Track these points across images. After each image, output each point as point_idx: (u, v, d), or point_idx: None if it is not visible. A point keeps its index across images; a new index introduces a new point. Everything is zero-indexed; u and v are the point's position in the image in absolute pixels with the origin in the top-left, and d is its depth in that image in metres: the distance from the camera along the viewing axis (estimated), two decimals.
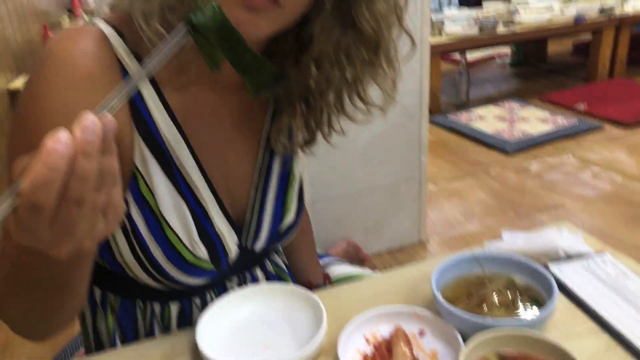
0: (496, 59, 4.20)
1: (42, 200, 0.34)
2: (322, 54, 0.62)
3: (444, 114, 3.10)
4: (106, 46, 0.58)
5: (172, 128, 0.63)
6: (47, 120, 0.54)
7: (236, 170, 0.71)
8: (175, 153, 0.63)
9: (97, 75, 0.56)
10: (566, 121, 2.83)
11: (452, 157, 2.56)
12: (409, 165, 1.75)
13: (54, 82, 0.54)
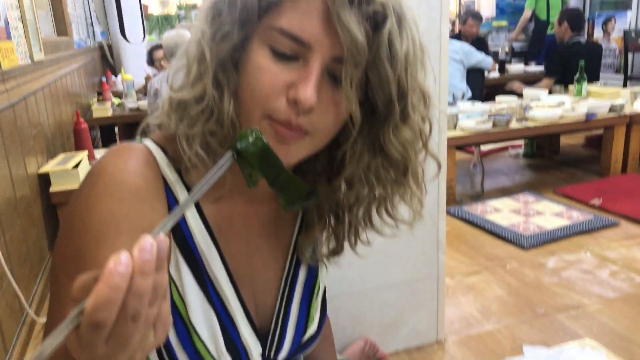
0: (509, 150, 4.28)
1: (104, 318, 0.37)
2: (353, 175, 0.67)
3: (459, 204, 3.13)
4: (152, 163, 0.64)
5: (207, 237, 0.67)
6: (94, 231, 0.58)
7: (262, 278, 0.74)
8: (207, 262, 0.66)
9: (143, 191, 0.61)
10: (582, 216, 2.84)
11: (468, 250, 2.56)
12: (427, 263, 1.76)
13: (103, 197, 0.59)
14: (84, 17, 5.16)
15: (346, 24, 0.54)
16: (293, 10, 0.57)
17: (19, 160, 2.07)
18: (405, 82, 0.59)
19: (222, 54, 0.60)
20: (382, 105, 0.61)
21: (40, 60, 2.63)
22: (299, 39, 0.57)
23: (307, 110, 0.57)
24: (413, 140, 0.65)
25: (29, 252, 2.03)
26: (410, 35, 0.59)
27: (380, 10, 0.56)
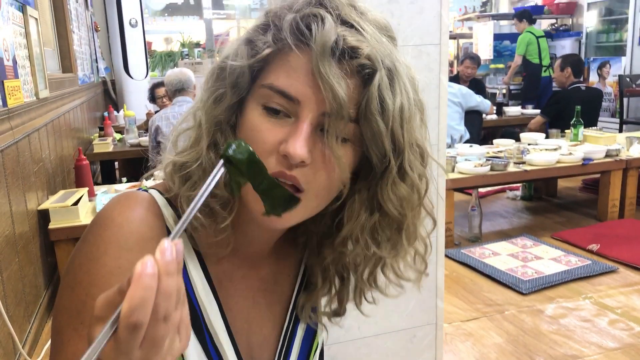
0: (507, 192, 4.30)
1: (140, 319, 0.39)
2: (352, 233, 0.66)
3: (457, 247, 3.13)
4: (157, 213, 0.65)
5: (209, 293, 0.67)
6: (101, 283, 0.58)
7: (259, 333, 0.74)
8: (207, 315, 0.67)
9: (148, 239, 0.62)
10: (580, 262, 2.84)
11: (466, 294, 2.55)
12: (425, 309, 1.75)
13: (110, 247, 0.59)
14: (88, 53, 5.25)
15: (327, 79, 0.55)
16: (281, 68, 0.58)
17: (19, 196, 2.08)
18: (401, 137, 0.59)
19: (217, 116, 0.62)
20: (377, 160, 0.61)
21: (45, 97, 2.67)
22: (288, 95, 0.58)
23: (298, 164, 0.57)
24: (410, 197, 0.64)
25: (25, 291, 2.01)
26: (405, 91, 0.59)
27: (368, 64, 0.56)
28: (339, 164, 0.58)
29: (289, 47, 0.57)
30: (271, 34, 0.59)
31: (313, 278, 0.76)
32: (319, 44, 0.55)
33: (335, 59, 0.56)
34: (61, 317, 0.59)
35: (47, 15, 3.60)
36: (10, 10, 2.17)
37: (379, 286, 0.74)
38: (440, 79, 1.63)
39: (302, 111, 0.58)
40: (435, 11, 1.55)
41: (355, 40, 0.56)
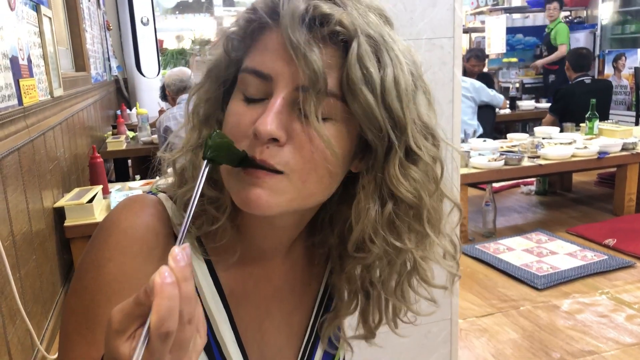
0: (522, 187, 4.27)
1: (171, 327, 0.40)
2: (366, 231, 0.60)
3: (471, 242, 3.11)
4: (163, 215, 0.63)
5: (218, 302, 0.65)
6: (105, 289, 0.58)
7: (273, 344, 0.71)
8: (216, 325, 0.65)
9: (153, 245, 0.61)
10: (596, 257, 2.80)
11: (481, 290, 2.53)
12: (441, 306, 1.73)
13: (115, 253, 0.59)
14: (101, 52, 5.28)
15: (297, 45, 0.51)
16: (256, 50, 0.57)
17: (36, 194, 2.10)
18: (400, 111, 0.54)
19: (205, 113, 0.61)
20: (373, 137, 0.56)
21: (59, 95, 2.69)
22: (259, 72, 0.55)
23: (269, 143, 0.53)
24: (424, 181, 0.58)
25: (42, 288, 2.04)
26: (398, 63, 0.54)
27: (341, 30, 0.53)
28: (325, 140, 0.53)
29: (262, 26, 0.56)
30: (245, 19, 0.58)
31: (337, 294, 0.72)
32: (288, 13, 0.52)
33: (305, 26, 0.52)
34: (68, 321, 0.60)
35: (61, 14, 3.63)
36: (24, 9, 2.19)
37: (407, 299, 0.68)
38: (454, 72, 1.61)
39: (275, 87, 0.54)
40: (449, 4, 1.54)
41: (327, 8, 0.53)
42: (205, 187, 0.59)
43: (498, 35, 7.10)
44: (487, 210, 3.26)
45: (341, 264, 0.68)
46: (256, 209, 0.55)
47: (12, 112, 1.84)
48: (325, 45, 0.53)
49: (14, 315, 1.67)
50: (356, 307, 0.71)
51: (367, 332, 0.73)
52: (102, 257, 0.59)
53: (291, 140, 0.54)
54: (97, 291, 0.58)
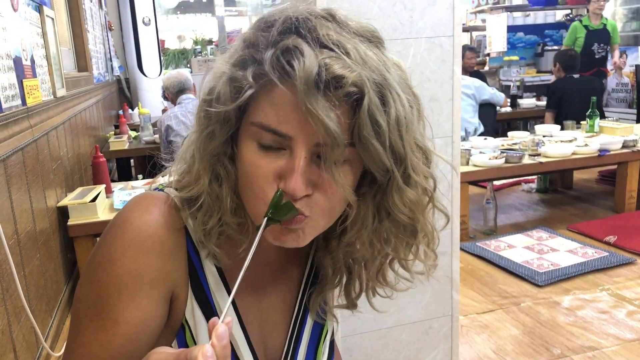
0: (522, 185, 4.28)
1: None
2: (358, 238, 0.67)
3: (472, 240, 3.12)
4: (174, 212, 0.67)
5: (220, 285, 0.69)
6: (117, 283, 0.61)
7: (271, 321, 0.76)
8: (220, 307, 0.69)
9: (165, 242, 0.64)
10: (596, 253, 2.82)
11: (482, 287, 2.55)
12: (441, 301, 1.75)
13: (128, 250, 0.62)
14: (103, 52, 5.30)
15: (315, 115, 0.53)
16: (268, 105, 0.57)
17: (39, 193, 2.12)
18: (402, 148, 0.58)
19: (213, 150, 0.62)
20: (380, 176, 0.61)
21: (62, 95, 2.71)
22: (279, 132, 0.57)
23: (301, 198, 0.58)
24: (418, 200, 0.63)
25: (46, 286, 2.05)
26: (398, 100, 0.57)
27: (355, 90, 0.55)
28: (343, 188, 0.58)
29: (273, 83, 0.57)
30: (251, 71, 0.58)
31: (322, 271, 0.77)
32: (302, 80, 0.53)
33: (321, 92, 0.54)
34: (79, 306, 0.63)
35: (63, 15, 3.65)
36: (27, 10, 2.20)
37: (389, 282, 0.74)
38: (453, 70, 1.62)
39: (295, 146, 0.57)
40: (448, 3, 1.55)
41: (338, 67, 0.54)
42: (228, 216, 0.64)
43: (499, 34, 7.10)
44: (488, 207, 3.27)
45: (326, 246, 0.74)
46: (292, 247, 0.64)
47: (15, 112, 1.86)
48: (339, 106, 0.55)
49: (19, 313, 1.69)
50: (340, 281, 0.76)
51: (349, 303, 0.78)
52: (115, 252, 0.62)
53: (314, 189, 0.59)
54: (109, 284, 0.61)
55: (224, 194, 0.63)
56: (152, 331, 0.64)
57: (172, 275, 0.65)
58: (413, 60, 1.56)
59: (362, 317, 1.66)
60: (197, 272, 0.67)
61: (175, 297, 0.66)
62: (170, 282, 0.65)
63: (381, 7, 1.49)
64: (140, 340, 0.62)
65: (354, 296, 0.77)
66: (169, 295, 0.66)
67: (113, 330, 0.61)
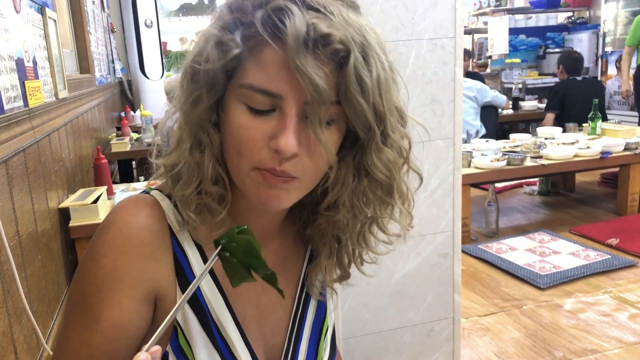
0: (524, 187, 4.27)
1: None
2: (339, 198, 0.69)
3: (474, 242, 3.12)
4: (159, 215, 0.68)
5: (212, 284, 0.70)
6: (98, 282, 0.64)
7: (271, 318, 0.76)
8: (212, 307, 0.69)
9: (147, 244, 0.66)
10: (599, 256, 2.81)
11: (483, 289, 2.54)
12: (442, 304, 1.75)
13: (109, 250, 0.64)
14: (105, 54, 5.31)
15: (304, 70, 0.55)
16: (257, 66, 0.59)
17: (41, 195, 2.12)
18: (382, 106, 0.61)
19: (197, 117, 0.63)
20: (363, 134, 0.63)
21: (64, 97, 2.71)
22: (269, 92, 0.58)
23: (290, 157, 0.60)
24: (395, 159, 0.67)
25: (48, 288, 2.05)
26: (379, 61, 0.60)
27: (341, 48, 0.57)
28: (326, 148, 0.60)
29: (262, 43, 0.58)
30: (240, 32, 0.59)
31: (315, 247, 0.79)
32: (292, 38, 0.55)
33: (309, 50, 0.56)
34: (68, 302, 0.67)
35: (65, 17, 3.65)
36: (30, 12, 2.21)
37: (371, 246, 0.76)
38: (455, 72, 1.62)
39: (285, 105, 0.59)
40: (450, 4, 1.55)
41: (325, 26, 0.56)
42: (208, 185, 0.64)
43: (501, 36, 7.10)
44: (490, 210, 3.27)
45: (314, 219, 0.75)
46: (273, 208, 0.64)
47: (17, 113, 1.86)
48: (326, 63, 0.57)
49: (20, 315, 1.69)
50: (331, 252, 0.77)
51: (342, 272, 0.80)
52: (97, 253, 0.64)
53: (302, 149, 0.60)
54: (91, 282, 0.64)
55: (205, 161, 0.64)
56: (131, 331, 0.65)
57: (154, 276, 0.66)
58: (415, 62, 1.56)
59: (363, 319, 1.66)
60: (184, 272, 0.68)
61: (160, 298, 0.67)
62: (151, 282, 0.66)
63: (383, 8, 1.49)
64: (118, 339, 0.64)
65: (346, 263, 0.79)
66: (152, 296, 0.66)
67: (92, 327, 0.63)
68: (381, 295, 1.67)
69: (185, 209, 0.65)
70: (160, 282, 0.66)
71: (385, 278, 1.67)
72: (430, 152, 1.64)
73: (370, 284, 1.66)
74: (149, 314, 0.66)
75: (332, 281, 0.81)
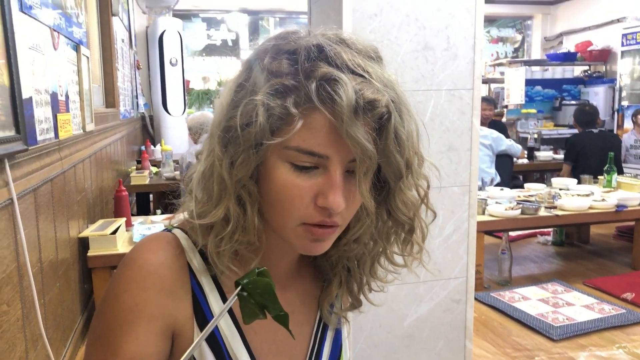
0: (538, 237, 4.25)
1: None
2: (362, 235, 0.73)
3: (486, 290, 3.10)
4: (179, 253, 0.71)
5: (228, 319, 0.72)
6: (119, 317, 0.66)
7: (287, 354, 0.77)
8: (229, 342, 0.71)
9: (167, 281, 0.68)
10: (613, 310, 2.77)
11: (495, 338, 2.52)
12: (454, 349, 1.74)
13: (129, 285, 0.67)
14: (130, 89, 5.48)
15: (355, 138, 0.59)
16: (305, 130, 0.61)
17: (63, 223, 2.18)
18: (411, 157, 0.67)
19: (241, 176, 0.65)
20: (393, 183, 0.68)
21: (91, 130, 2.81)
22: (318, 154, 0.62)
23: (338, 213, 0.64)
24: (415, 200, 0.71)
25: (63, 315, 2.09)
26: (409, 116, 0.65)
27: (385, 111, 0.61)
28: (366, 200, 0.65)
29: (314, 110, 0.61)
30: (292, 99, 0.61)
31: (326, 276, 0.82)
32: (346, 107, 0.59)
33: (360, 117, 0.60)
34: (90, 336, 0.70)
35: (96, 54, 3.80)
36: (66, 49, 2.32)
37: (379, 276, 0.80)
38: (472, 122, 1.67)
39: (331, 164, 0.63)
40: (469, 58, 1.62)
41: (370, 92, 0.60)
42: (241, 234, 0.67)
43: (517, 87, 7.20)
44: (503, 258, 3.26)
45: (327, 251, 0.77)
46: (316, 254, 0.69)
47: (48, 144, 1.94)
48: (372, 125, 0.62)
49: (36, 340, 1.71)
50: (341, 281, 0.80)
51: (353, 300, 0.83)
52: (118, 288, 0.67)
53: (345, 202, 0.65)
54: (112, 317, 0.67)
55: (248, 215, 0.66)
56: None
57: (173, 312, 0.68)
58: (433, 111, 1.62)
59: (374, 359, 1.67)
60: (202, 309, 0.70)
61: (178, 334, 0.69)
62: (170, 318, 0.68)
63: (404, 60, 1.56)
64: None
65: (356, 292, 0.82)
66: (169, 332, 0.68)
67: None
68: (393, 338, 1.67)
69: (219, 257, 0.68)
70: (179, 319, 0.68)
71: (397, 321, 1.68)
72: (446, 198, 1.68)
73: (383, 326, 1.67)
74: (166, 350, 0.68)
75: (344, 310, 0.84)
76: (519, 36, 9.00)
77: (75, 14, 2.59)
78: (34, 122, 1.72)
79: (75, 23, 2.54)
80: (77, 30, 2.59)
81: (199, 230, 0.68)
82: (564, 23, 8.27)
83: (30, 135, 1.65)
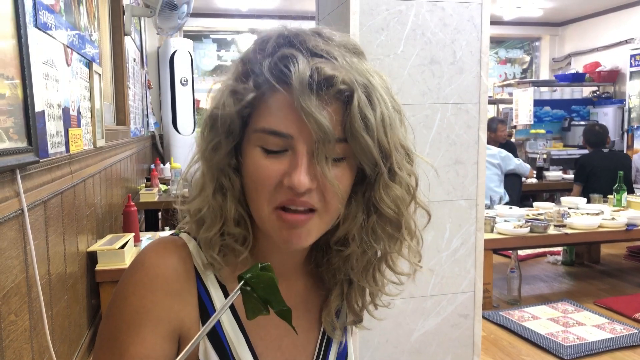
0: (548, 257, 4.21)
1: None
2: (349, 233, 0.72)
3: (495, 309, 3.07)
4: (186, 256, 0.72)
5: (234, 325, 0.72)
6: (126, 318, 0.67)
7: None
8: (235, 348, 0.71)
9: (173, 284, 0.69)
10: (625, 330, 2.73)
11: (504, 357, 2.48)
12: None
13: (136, 287, 0.68)
14: (141, 108, 5.55)
15: (308, 111, 0.60)
16: (268, 110, 0.64)
17: (72, 237, 2.19)
18: (387, 144, 0.65)
19: (218, 162, 0.68)
20: (370, 170, 0.67)
21: (101, 146, 2.84)
22: (280, 132, 0.63)
23: (303, 193, 0.63)
24: (403, 196, 0.70)
25: (70, 329, 2.09)
26: (382, 101, 0.64)
27: (345, 88, 0.62)
28: (331, 182, 0.64)
29: (271, 89, 0.63)
30: (252, 80, 0.65)
31: (327, 286, 0.81)
32: (297, 81, 0.60)
33: (314, 92, 0.61)
34: (98, 340, 0.70)
35: (108, 72, 3.87)
36: (78, 65, 2.37)
37: (380, 284, 0.78)
38: (479, 135, 1.68)
39: (296, 144, 0.63)
40: (475, 72, 1.63)
41: (329, 69, 0.62)
42: (231, 227, 0.69)
43: (525, 107, 7.22)
44: (512, 277, 3.23)
45: (326, 258, 0.78)
46: (295, 246, 0.67)
47: (60, 157, 1.97)
48: (331, 102, 0.63)
49: (43, 353, 1.71)
50: (342, 293, 0.79)
51: (354, 316, 0.81)
52: (125, 290, 0.68)
53: (315, 184, 0.64)
54: (119, 319, 0.67)
55: (228, 203, 0.68)
56: None
57: (179, 315, 0.69)
58: (439, 124, 1.63)
59: None
60: (208, 312, 0.71)
61: (184, 337, 0.70)
62: (176, 321, 0.68)
63: (411, 73, 1.58)
64: None
65: (357, 308, 0.81)
66: (176, 335, 0.69)
67: None
68: (400, 353, 1.66)
69: (209, 251, 0.70)
70: (185, 321, 0.69)
71: (404, 336, 1.66)
72: (453, 212, 1.67)
73: (389, 341, 1.66)
74: (172, 353, 0.69)
75: (349, 323, 0.83)
76: (527, 57, 9.05)
77: (89, 33, 2.65)
78: (45, 135, 1.75)
79: (88, 41, 2.60)
80: (90, 48, 2.64)
81: (193, 225, 0.71)
82: (572, 44, 8.31)
83: (42, 148, 1.68)
